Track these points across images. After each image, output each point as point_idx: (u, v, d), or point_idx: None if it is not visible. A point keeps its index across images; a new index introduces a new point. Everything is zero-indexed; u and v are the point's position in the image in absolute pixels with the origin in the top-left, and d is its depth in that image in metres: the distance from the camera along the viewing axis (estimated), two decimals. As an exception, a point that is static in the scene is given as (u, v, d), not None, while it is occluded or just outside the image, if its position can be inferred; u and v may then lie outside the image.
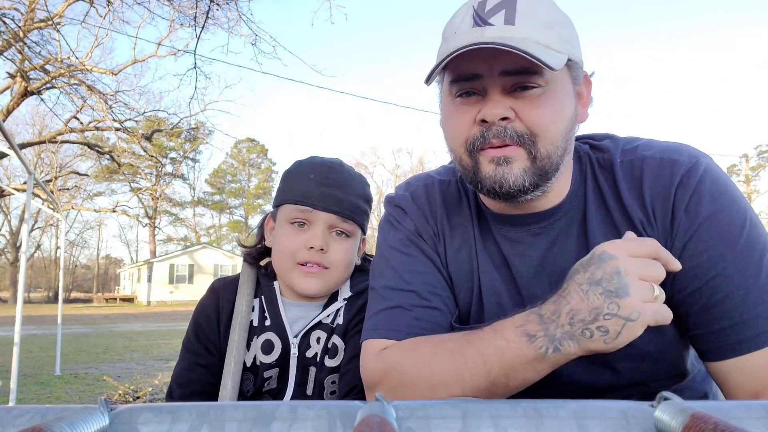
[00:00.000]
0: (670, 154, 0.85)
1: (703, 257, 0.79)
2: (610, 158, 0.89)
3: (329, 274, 1.12)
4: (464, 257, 0.94)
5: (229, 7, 9.15)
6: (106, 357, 8.58)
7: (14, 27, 9.34)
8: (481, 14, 0.79)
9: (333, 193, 1.11)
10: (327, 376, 1.12)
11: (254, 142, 49.86)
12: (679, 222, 0.81)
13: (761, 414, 0.42)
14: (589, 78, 0.90)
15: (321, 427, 0.41)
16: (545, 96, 0.80)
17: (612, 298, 0.65)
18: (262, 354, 1.13)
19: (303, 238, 1.10)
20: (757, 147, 40.72)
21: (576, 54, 0.83)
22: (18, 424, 0.41)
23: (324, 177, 1.12)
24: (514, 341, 0.70)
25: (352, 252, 1.16)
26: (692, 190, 0.81)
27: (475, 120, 0.81)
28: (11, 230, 40.71)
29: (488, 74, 0.79)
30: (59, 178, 30.20)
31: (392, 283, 0.92)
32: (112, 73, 15.14)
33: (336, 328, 1.14)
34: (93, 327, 14.64)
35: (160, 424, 0.41)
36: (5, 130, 4.30)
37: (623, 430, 0.41)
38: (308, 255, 1.10)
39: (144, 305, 32.29)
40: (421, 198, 1.00)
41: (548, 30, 0.79)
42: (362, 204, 1.17)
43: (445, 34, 0.85)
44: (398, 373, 0.80)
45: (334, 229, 1.12)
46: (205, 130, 25.21)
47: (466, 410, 0.42)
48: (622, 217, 0.85)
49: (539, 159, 0.80)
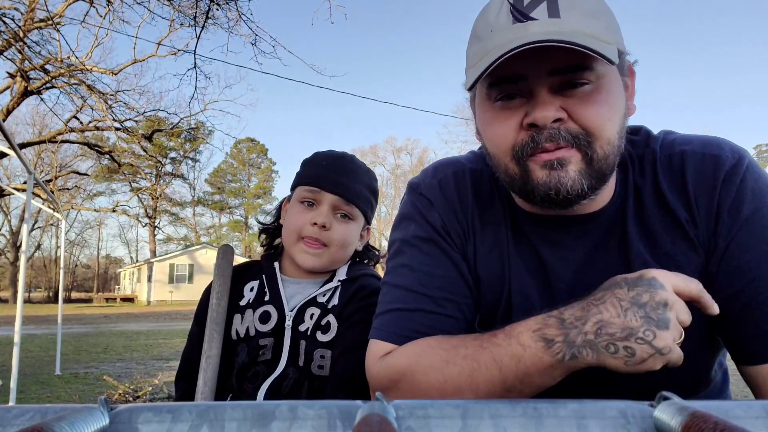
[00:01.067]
0: (711, 149, 0.80)
1: (745, 257, 0.75)
2: (653, 154, 0.84)
3: (327, 251, 1.22)
4: (496, 258, 0.87)
5: (229, 6, 9.14)
6: (106, 357, 8.58)
7: (14, 27, 9.34)
8: (520, 8, 0.71)
9: (340, 178, 1.23)
10: (316, 349, 1.18)
11: (254, 142, 49.87)
12: (723, 222, 0.77)
13: (761, 413, 0.42)
14: (632, 67, 0.83)
15: (321, 427, 0.41)
16: (598, 92, 0.73)
17: (651, 326, 0.61)
18: (259, 323, 1.22)
19: (309, 215, 1.22)
20: (757, 147, 40.73)
21: (622, 44, 0.77)
22: (18, 423, 0.41)
23: (334, 164, 1.25)
24: (530, 347, 0.66)
25: (353, 235, 1.26)
26: (736, 188, 0.77)
27: (522, 124, 0.74)
28: (11, 230, 40.70)
29: (534, 75, 0.72)
30: (59, 177, 30.18)
31: (407, 284, 0.86)
32: (112, 72, 15.14)
33: (332, 308, 1.21)
34: (93, 327, 14.64)
35: (160, 424, 0.41)
36: (5, 129, 4.30)
37: (623, 429, 0.41)
38: (311, 231, 1.21)
39: (144, 305, 32.30)
40: (451, 189, 0.91)
41: (594, 20, 0.72)
42: (367, 193, 1.28)
43: (478, 32, 0.77)
44: (409, 382, 0.75)
45: (338, 210, 1.23)
46: (205, 130, 25.18)
47: (466, 410, 0.42)
48: (662, 216, 0.81)
49: (596, 161, 0.74)
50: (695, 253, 0.80)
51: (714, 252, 0.78)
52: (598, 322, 0.63)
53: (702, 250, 0.79)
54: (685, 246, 0.80)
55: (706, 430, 0.34)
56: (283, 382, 1.17)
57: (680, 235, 0.80)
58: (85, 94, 13.39)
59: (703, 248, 0.79)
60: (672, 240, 0.80)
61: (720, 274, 0.77)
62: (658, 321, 0.61)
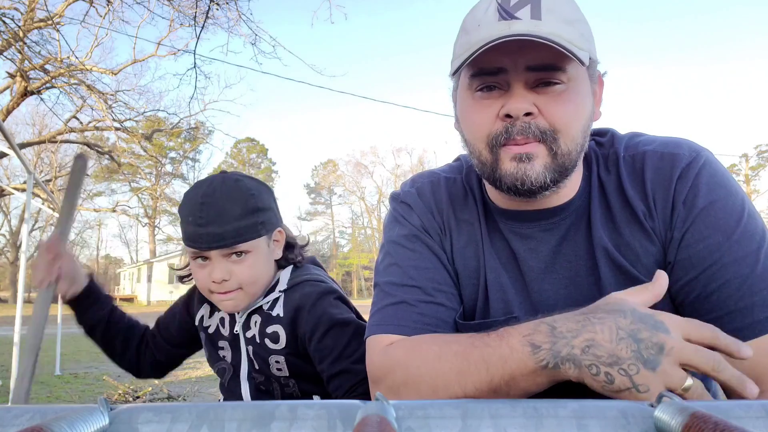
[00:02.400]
0: (671, 148, 0.87)
1: (699, 246, 0.80)
2: (615, 154, 0.90)
3: (243, 292, 1.21)
4: (471, 254, 0.94)
5: (229, 6, 9.14)
6: (105, 357, 8.56)
7: (14, 27, 9.34)
8: (507, 8, 0.79)
9: (210, 231, 1.15)
10: (270, 355, 1.23)
11: (254, 142, 49.92)
12: (678, 213, 0.82)
13: (761, 413, 0.42)
14: (602, 77, 0.91)
15: (321, 427, 0.41)
16: (568, 93, 0.80)
17: (637, 362, 0.61)
18: (221, 326, 1.32)
19: (206, 271, 1.20)
20: (757, 147, 40.75)
21: (594, 53, 0.84)
22: (18, 423, 0.41)
23: (198, 218, 1.16)
24: (517, 350, 0.68)
25: (257, 265, 1.21)
26: (691, 182, 0.82)
27: (498, 115, 0.81)
28: (11, 230, 40.71)
29: (513, 68, 0.79)
30: (59, 177, 30.16)
31: (396, 279, 0.92)
32: (112, 72, 15.13)
33: (276, 317, 1.23)
34: (93, 327, 14.58)
35: (160, 424, 0.41)
36: (5, 129, 4.30)
37: (623, 429, 0.41)
38: (216, 287, 1.20)
39: (144, 305, 32.33)
40: (427, 194, 1.00)
41: (571, 27, 0.79)
42: (247, 221, 1.18)
43: (467, 26, 0.84)
44: (402, 371, 0.79)
45: (229, 255, 1.18)
46: (205, 129, 25.19)
47: (466, 410, 0.42)
48: (622, 210, 0.86)
49: (560, 155, 0.81)
50: (652, 244, 0.85)
51: (670, 243, 0.83)
52: (589, 341, 0.63)
53: (658, 242, 0.85)
54: (642, 237, 0.85)
55: (706, 430, 0.34)
56: (256, 381, 1.26)
57: (638, 227, 0.85)
58: (85, 94, 13.39)
59: (659, 240, 0.85)
60: (631, 231, 0.86)
61: (676, 264, 0.82)
62: (646, 360, 0.60)
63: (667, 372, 0.60)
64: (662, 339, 0.61)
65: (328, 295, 1.23)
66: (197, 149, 43.16)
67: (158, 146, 29.41)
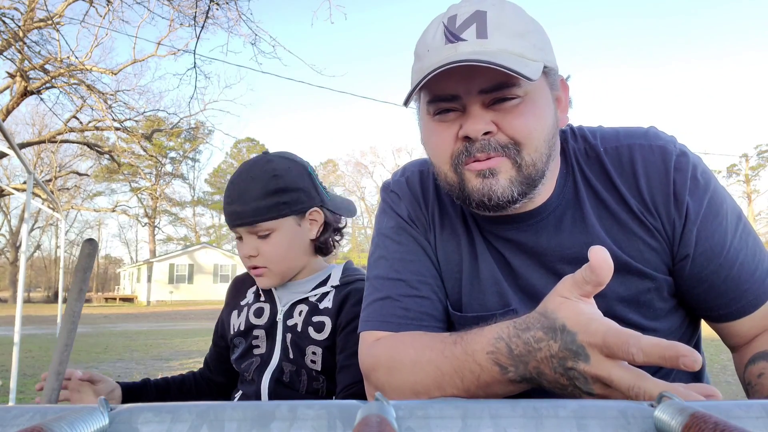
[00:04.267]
0: (655, 140, 0.88)
1: (715, 236, 0.84)
2: (593, 148, 0.90)
3: (271, 270, 1.27)
4: (452, 247, 0.95)
5: (229, 6, 9.15)
6: (105, 356, 8.58)
7: (14, 27, 9.34)
8: (452, 30, 0.78)
9: (234, 210, 1.25)
10: (309, 345, 1.25)
11: (254, 142, 49.89)
12: (687, 205, 0.84)
13: (761, 413, 0.42)
14: (565, 82, 0.90)
15: (321, 427, 0.41)
16: (525, 105, 0.80)
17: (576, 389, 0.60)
18: (254, 317, 1.32)
19: (240, 248, 1.29)
20: (757, 147, 40.76)
21: (551, 60, 0.83)
22: (18, 423, 0.41)
23: (228, 197, 1.26)
24: (487, 368, 0.67)
25: (282, 244, 1.26)
26: (690, 174, 0.84)
27: (458, 136, 0.81)
28: (11, 230, 40.73)
29: (465, 93, 0.79)
30: (59, 177, 30.19)
31: (383, 273, 0.93)
32: (112, 72, 15.13)
33: (324, 310, 1.27)
34: (93, 327, 14.62)
35: (160, 424, 0.41)
36: (5, 129, 4.30)
37: (623, 429, 0.41)
38: (248, 263, 1.29)
39: (144, 305, 32.30)
40: (416, 183, 1.00)
41: (521, 39, 0.78)
42: (267, 201, 1.23)
43: (418, 52, 0.84)
44: (384, 373, 0.81)
45: (254, 234, 1.25)
46: (204, 129, 25.20)
47: (466, 410, 0.42)
48: (618, 204, 0.87)
49: (524, 167, 0.80)
50: (653, 239, 0.86)
51: (682, 237, 0.85)
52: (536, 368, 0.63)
53: (662, 238, 0.86)
54: (643, 231, 0.86)
55: (706, 430, 0.34)
56: (282, 373, 1.25)
57: (637, 222, 0.86)
58: (85, 93, 13.40)
59: (663, 236, 0.86)
60: (632, 226, 0.86)
61: (697, 256, 0.84)
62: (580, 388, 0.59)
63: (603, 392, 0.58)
64: (582, 368, 0.58)
65: None
66: (197, 149, 43.25)
67: (158, 146, 29.39)
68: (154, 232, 41.83)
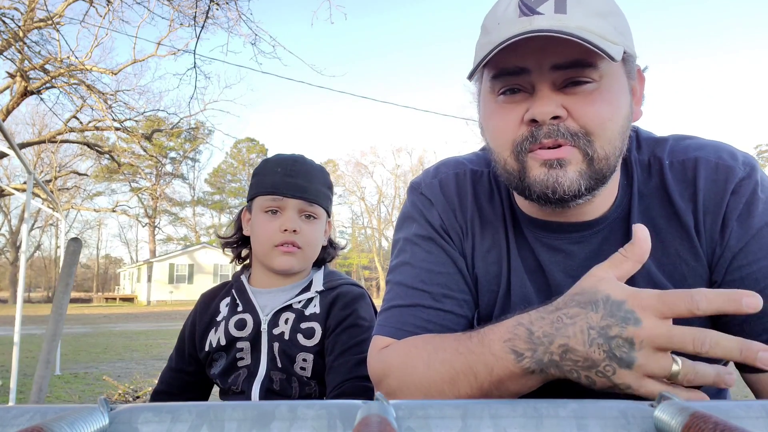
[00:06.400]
0: (726, 158, 0.80)
1: (753, 268, 0.75)
2: (659, 160, 0.83)
3: (302, 252, 1.29)
4: (493, 258, 0.88)
5: (229, 6, 9.15)
6: (105, 357, 8.58)
7: (14, 27, 9.34)
8: (528, 3, 0.72)
9: (298, 182, 1.28)
10: (299, 352, 1.24)
11: (254, 142, 49.86)
12: (731, 231, 0.77)
13: (761, 414, 0.42)
14: (642, 73, 0.83)
15: (321, 427, 0.41)
16: (600, 91, 0.73)
17: (612, 363, 0.58)
18: (236, 330, 1.28)
19: (277, 223, 1.27)
20: (757, 147, 40.74)
21: (631, 47, 0.77)
22: (18, 423, 0.41)
23: (289, 169, 1.29)
24: (501, 358, 0.66)
25: (319, 233, 1.33)
26: (746, 199, 0.77)
27: (523, 119, 0.74)
28: (11, 230, 40.71)
29: (537, 69, 0.72)
30: (59, 177, 30.16)
31: (407, 280, 0.88)
32: (112, 72, 15.12)
33: (311, 315, 1.27)
34: (93, 327, 14.63)
35: (160, 424, 0.41)
36: (5, 129, 4.30)
37: (623, 429, 0.41)
38: (283, 237, 1.26)
39: (144, 305, 32.31)
40: (451, 188, 0.92)
41: (602, 20, 0.72)
42: (325, 190, 1.34)
43: (486, 26, 0.78)
44: (396, 377, 0.78)
45: (303, 213, 1.29)
46: (204, 129, 25.19)
47: (466, 410, 0.42)
48: (669, 223, 0.80)
49: (596, 161, 0.73)
50: (697, 262, 0.79)
51: (719, 262, 0.78)
52: (563, 346, 0.61)
53: (704, 258, 0.79)
54: (689, 254, 0.79)
55: (706, 430, 0.34)
56: (272, 381, 1.24)
57: (687, 244, 0.79)
58: (85, 94, 13.39)
59: (705, 256, 0.79)
60: (678, 248, 0.80)
61: (725, 284, 0.76)
62: (620, 359, 0.58)
63: (645, 365, 0.57)
64: (631, 333, 0.57)
65: (363, 298, 1.31)
66: (197, 149, 43.22)
67: (158, 146, 29.37)
68: (154, 232, 41.83)
